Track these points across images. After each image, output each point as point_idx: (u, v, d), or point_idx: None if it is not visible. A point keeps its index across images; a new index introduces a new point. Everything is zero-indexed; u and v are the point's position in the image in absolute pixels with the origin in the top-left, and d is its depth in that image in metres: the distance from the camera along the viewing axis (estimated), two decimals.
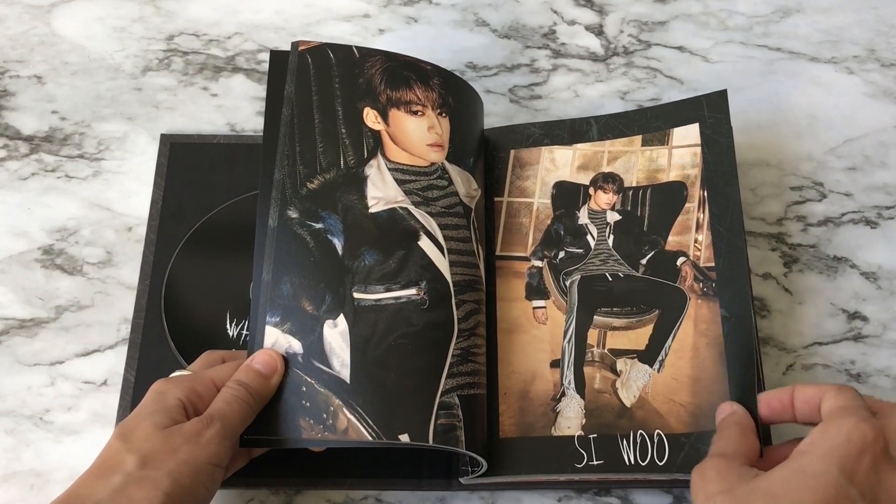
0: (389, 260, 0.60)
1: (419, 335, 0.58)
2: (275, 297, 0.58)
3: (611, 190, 0.68)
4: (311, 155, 0.62)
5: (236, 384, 0.55)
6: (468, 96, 0.68)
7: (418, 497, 0.62)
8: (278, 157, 0.62)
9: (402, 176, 0.63)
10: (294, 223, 0.60)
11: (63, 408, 0.66)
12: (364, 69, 0.65)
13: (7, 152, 0.75)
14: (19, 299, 0.69)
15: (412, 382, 0.57)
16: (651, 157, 0.68)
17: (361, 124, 0.63)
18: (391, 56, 0.66)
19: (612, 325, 0.64)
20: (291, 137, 0.62)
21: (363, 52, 0.66)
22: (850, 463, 0.46)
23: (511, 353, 0.64)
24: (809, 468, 0.47)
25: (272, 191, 0.61)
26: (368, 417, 0.55)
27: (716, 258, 0.63)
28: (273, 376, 0.56)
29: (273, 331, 0.58)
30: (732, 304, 0.61)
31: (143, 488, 0.49)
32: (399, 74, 0.65)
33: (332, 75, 0.64)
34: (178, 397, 0.53)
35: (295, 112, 0.63)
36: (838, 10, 0.82)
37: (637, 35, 0.81)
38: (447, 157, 0.64)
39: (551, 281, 0.66)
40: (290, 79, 0.64)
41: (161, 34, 0.81)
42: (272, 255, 0.59)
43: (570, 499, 0.63)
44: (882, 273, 0.70)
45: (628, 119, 0.70)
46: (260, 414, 0.56)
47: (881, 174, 0.74)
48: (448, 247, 0.61)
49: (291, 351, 0.57)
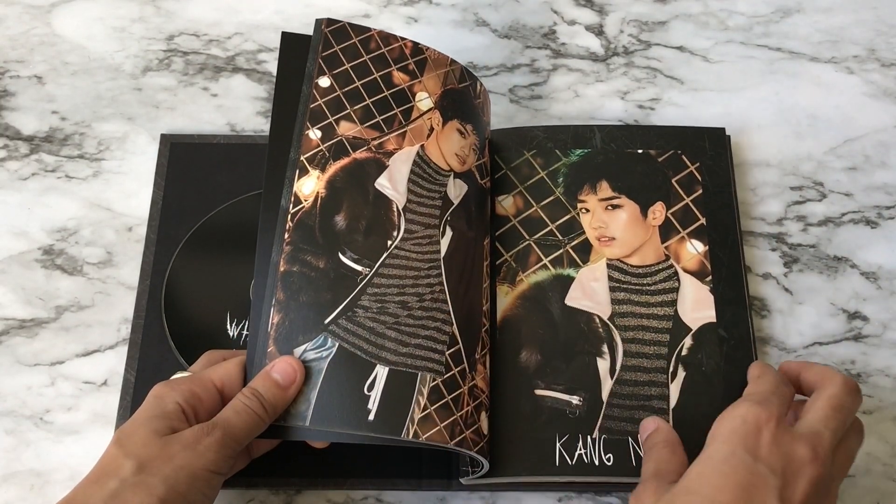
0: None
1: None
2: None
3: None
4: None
5: (251, 394, 0.54)
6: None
7: (418, 497, 0.62)
8: (295, 136, 0.62)
9: (421, 171, 0.64)
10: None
11: (63, 408, 0.66)
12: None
13: (7, 152, 0.75)
14: (19, 299, 0.69)
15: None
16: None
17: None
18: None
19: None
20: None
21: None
22: (750, 441, 0.48)
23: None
24: (716, 454, 0.49)
25: (286, 170, 0.61)
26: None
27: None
28: (291, 387, 0.55)
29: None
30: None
31: (137, 494, 0.49)
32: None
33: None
34: (176, 401, 0.53)
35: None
36: (838, 10, 0.82)
37: (637, 35, 0.81)
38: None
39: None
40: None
41: (161, 34, 0.81)
42: (283, 236, 0.59)
43: (571, 499, 0.63)
44: (882, 273, 0.70)
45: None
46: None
47: (881, 174, 0.74)
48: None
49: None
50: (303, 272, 0.59)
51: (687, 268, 0.65)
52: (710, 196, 0.68)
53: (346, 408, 0.55)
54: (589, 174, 0.69)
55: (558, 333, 0.63)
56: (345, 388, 0.56)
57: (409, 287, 0.60)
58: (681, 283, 0.64)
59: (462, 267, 0.62)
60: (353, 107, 0.64)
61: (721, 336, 0.62)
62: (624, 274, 0.65)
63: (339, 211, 0.61)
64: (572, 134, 0.71)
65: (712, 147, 0.70)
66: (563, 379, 0.62)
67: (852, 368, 0.67)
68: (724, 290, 0.64)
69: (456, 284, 0.61)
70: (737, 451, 0.48)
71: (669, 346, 0.62)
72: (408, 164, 0.63)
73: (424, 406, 0.56)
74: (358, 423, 0.55)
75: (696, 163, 0.69)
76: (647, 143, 0.70)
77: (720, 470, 0.48)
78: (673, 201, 0.67)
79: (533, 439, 0.60)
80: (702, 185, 0.68)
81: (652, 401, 0.61)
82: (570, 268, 0.66)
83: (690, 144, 0.70)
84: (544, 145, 0.70)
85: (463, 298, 0.61)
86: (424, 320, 0.59)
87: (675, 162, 0.69)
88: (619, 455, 0.59)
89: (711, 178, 0.68)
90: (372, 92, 0.64)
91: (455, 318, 0.60)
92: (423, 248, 0.61)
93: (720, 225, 0.67)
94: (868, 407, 0.66)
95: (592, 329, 0.63)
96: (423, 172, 0.63)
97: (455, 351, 0.59)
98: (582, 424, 0.61)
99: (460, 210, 0.63)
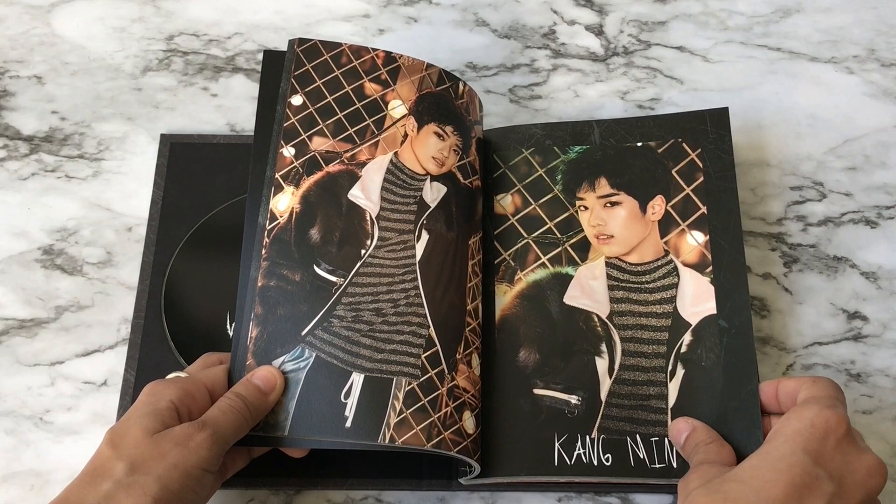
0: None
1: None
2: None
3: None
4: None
5: (234, 395, 0.55)
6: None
7: (418, 497, 0.62)
8: (270, 155, 0.63)
9: (394, 178, 0.64)
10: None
11: (63, 408, 0.66)
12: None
13: (7, 152, 0.75)
14: (19, 299, 0.69)
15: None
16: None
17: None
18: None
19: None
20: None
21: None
22: (814, 445, 0.48)
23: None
24: (775, 452, 0.48)
25: (262, 188, 0.62)
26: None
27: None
28: (271, 393, 0.56)
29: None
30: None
31: (131, 494, 0.49)
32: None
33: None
34: (170, 399, 0.53)
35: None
36: (838, 10, 0.82)
37: (637, 35, 0.81)
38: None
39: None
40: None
41: (161, 34, 0.81)
42: (260, 252, 0.60)
43: (571, 499, 0.63)
44: (882, 273, 0.70)
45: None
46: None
47: (881, 174, 0.74)
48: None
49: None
50: (279, 286, 0.60)
51: (687, 261, 0.65)
52: (712, 182, 0.66)
53: (324, 416, 0.56)
54: (587, 171, 0.69)
55: (557, 332, 0.63)
56: (322, 397, 0.57)
57: (383, 294, 0.60)
58: (680, 279, 0.64)
59: (440, 269, 0.62)
60: (325, 122, 0.65)
61: (722, 327, 0.62)
62: (622, 272, 0.65)
63: (314, 224, 0.62)
64: (571, 130, 0.70)
65: (714, 129, 0.68)
66: (561, 378, 0.62)
67: (852, 368, 0.67)
68: (725, 278, 0.63)
69: (433, 287, 0.61)
70: (797, 451, 0.48)
71: (668, 345, 0.62)
72: (381, 173, 0.64)
73: (400, 410, 0.57)
74: (335, 430, 0.56)
75: (697, 149, 0.67)
76: (647, 134, 0.69)
77: (776, 466, 0.48)
78: (673, 193, 0.67)
79: (531, 439, 0.60)
80: (703, 172, 0.67)
81: (650, 400, 0.61)
82: (568, 266, 0.66)
83: (691, 130, 0.68)
84: (542, 143, 0.70)
85: (441, 300, 0.61)
86: (399, 325, 0.60)
87: (676, 151, 0.68)
88: (618, 455, 0.59)
89: (714, 163, 0.67)
90: (344, 105, 0.66)
91: (432, 321, 0.60)
92: (398, 254, 0.62)
93: (723, 209, 0.65)
94: (868, 407, 0.66)
95: (591, 328, 0.63)
96: (396, 179, 0.64)
97: (432, 353, 0.59)
98: (581, 424, 0.61)
99: (438, 212, 0.64)
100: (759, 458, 0.49)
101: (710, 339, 0.62)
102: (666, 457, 0.59)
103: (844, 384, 0.66)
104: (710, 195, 0.66)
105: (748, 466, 0.49)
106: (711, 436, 0.57)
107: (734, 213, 0.65)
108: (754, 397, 0.58)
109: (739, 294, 0.63)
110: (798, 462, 0.47)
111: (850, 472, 0.48)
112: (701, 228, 0.65)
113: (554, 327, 0.64)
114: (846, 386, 0.66)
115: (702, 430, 0.57)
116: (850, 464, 0.48)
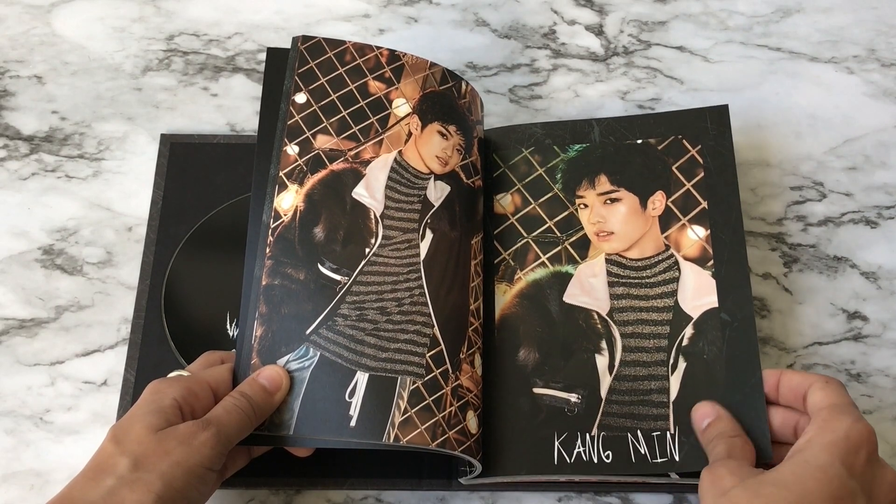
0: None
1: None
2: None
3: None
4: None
5: (239, 395, 0.55)
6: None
7: (418, 497, 0.62)
8: (274, 153, 0.63)
9: (398, 176, 0.64)
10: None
11: (63, 408, 0.66)
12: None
13: (7, 152, 0.75)
14: (19, 299, 0.69)
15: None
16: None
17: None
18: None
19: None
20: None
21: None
22: (849, 458, 0.49)
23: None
24: (813, 460, 0.49)
25: (266, 186, 0.62)
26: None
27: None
28: (277, 393, 0.56)
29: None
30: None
31: (134, 491, 0.49)
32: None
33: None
34: (173, 397, 0.53)
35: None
36: (838, 10, 0.82)
37: (637, 35, 0.81)
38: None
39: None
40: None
41: (161, 34, 0.81)
42: (264, 251, 0.60)
43: (570, 499, 0.63)
44: (882, 273, 0.70)
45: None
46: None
47: (881, 174, 0.74)
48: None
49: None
50: (284, 285, 0.60)
51: (688, 255, 0.64)
52: (712, 177, 0.66)
53: (329, 415, 0.56)
54: (587, 169, 0.69)
55: (556, 331, 0.63)
56: (327, 396, 0.57)
57: (387, 293, 0.60)
58: (681, 273, 0.64)
59: (444, 268, 0.62)
60: (329, 120, 0.65)
61: (724, 320, 0.62)
62: (623, 268, 0.65)
63: (318, 223, 0.62)
64: (570, 129, 0.70)
65: (714, 126, 0.68)
66: (561, 377, 0.62)
67: (852, 368, 0.67)
68: (726, 272, 0.63)
69: (437, 286, 0.61)
70: (835, 463, 0.48)
71: (669, 338, 0.62)
72: (385, 171, 0.64)
73: (405, 409, 0.57)
74: (340, 429, 0.56)
75: (697, 146, 0.67)
76: (647, 132, 0.69)
77: (816, 476, 0.48)
78: (674, 188, 0.67)
79: (531, 438, 0.60)
80: (703, 168, 0.67)
81: (652, 394, 0.61)
82: (568, 264, 0.66)
83: (691, 127, 0.68)
84: (542, 142, 0.70)
85: (445, 299, 0.61)
86: (404, 324, 0.59)
87: (676, 148, 0.68)
88: (618, 452, 0.59)
89: (714, 159, 0.67)
90: (348, 103, 0.65)
91: (436, 320, 0.60)
92: (402, 252, 0.62)
93: (723, 205, 0.65)
94: (868, 407, 0.65)
95: (591, 326, 0.63)
96: (400, 178, 0.64)
97: (437, 352, 0.59)
98: (580, 422, 0.61)
99: (442, 211, 0.64)
100: (800, 466, 0.49)
101: (711, 333, 0.61)
102: (668, 451, 0.59)
103: (844, 384, 0.66)
104: (711, 190, 0.66)
105: (787, 471, 0.49)
106: (737, 429, 0.56)
107: (735, 209, 0.65)
108: (759, 390, 0.58)
109: (741, 288, 0.62)
110: (837, 475, 0.48)
111: (877, 486, 0.49)
112: (702, 223, 0.65)
113: (553, 326, 0.64)
114: (846, 386, 0.66)
115: (728, 421, 0.57)
116: (877, 478, 0.49)
